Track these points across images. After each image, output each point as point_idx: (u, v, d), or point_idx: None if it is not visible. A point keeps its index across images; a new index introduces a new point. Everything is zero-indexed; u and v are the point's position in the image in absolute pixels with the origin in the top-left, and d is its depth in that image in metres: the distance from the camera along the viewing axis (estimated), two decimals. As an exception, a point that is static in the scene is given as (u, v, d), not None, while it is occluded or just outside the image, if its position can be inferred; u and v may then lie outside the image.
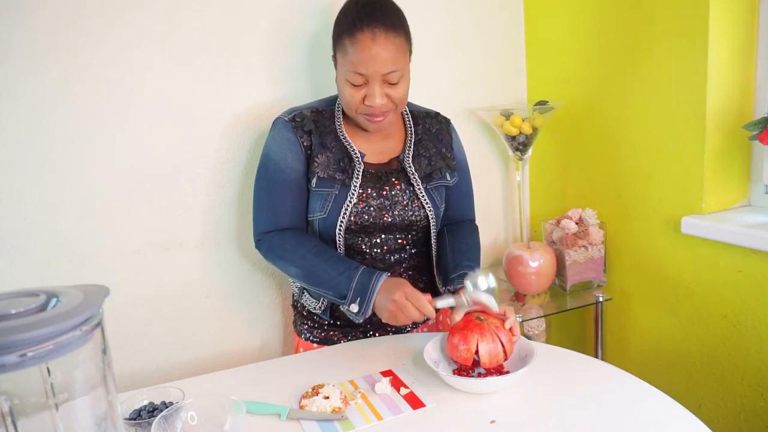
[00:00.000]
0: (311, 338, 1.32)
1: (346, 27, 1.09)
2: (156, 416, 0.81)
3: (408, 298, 1.06)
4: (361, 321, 1.12)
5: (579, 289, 1.65)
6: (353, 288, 1.10)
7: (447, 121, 1.33)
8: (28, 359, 0.48)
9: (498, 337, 1.01)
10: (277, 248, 1.20)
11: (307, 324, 1.33)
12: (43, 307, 0.53)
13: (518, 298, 1.67)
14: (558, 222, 1.64)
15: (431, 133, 1.28)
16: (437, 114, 1.33)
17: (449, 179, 1.27)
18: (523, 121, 1.64)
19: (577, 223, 1.61)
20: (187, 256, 1.47)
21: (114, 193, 1.37)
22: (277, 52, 1.47)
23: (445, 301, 1.09)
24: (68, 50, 1.28)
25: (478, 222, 1.85)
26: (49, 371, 0.51)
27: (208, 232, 1.48)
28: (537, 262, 1.59)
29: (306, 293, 1.30)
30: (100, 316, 0.56)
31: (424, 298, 1.06)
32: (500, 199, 1.90)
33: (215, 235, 1.48)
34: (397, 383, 1.03)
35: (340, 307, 1.14)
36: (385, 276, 1.11)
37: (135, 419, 0.91)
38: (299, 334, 1.35)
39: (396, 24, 1.10)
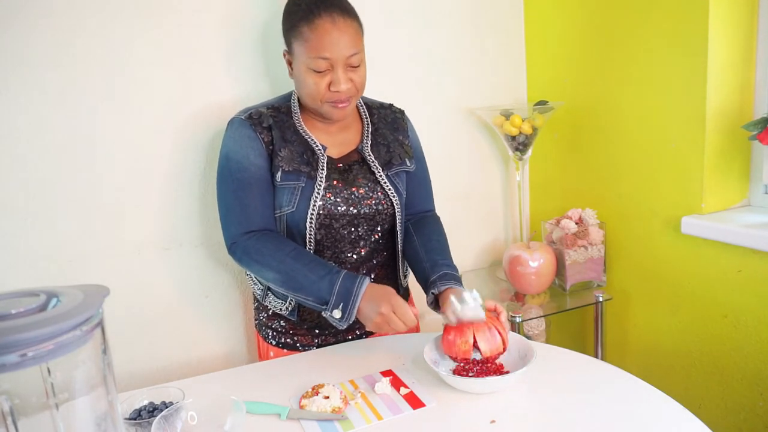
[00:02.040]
0: (276, 344, 1.28)
1: (303, 15, 1.09)
2: (156, 416, 0.81)
3: (395, 311, 1.04)
4: (345, 327, 1.09)
5: (579, 289, 1.64)
6: (335, 293, 1.07)
7: (401, 112, 1.33)
8: (28, 359, 0.48)
9: (494, 326, 1.02)
10: (253, 252, 1.14)
11: (271, 329, 1.29)
12: (43, 307, 0.53)
13: (518, 298, 1.67)
14: (558, 222, 1.64)
15: (387, 122, 1.28)
16: (391, 105, 1.32)
17: (409, 165, 1.26)
18: (523, 121, 1.64)
19: (577, 223, 1.61)
20: (187, 256, 1.47)
21: (114, 193, 1.37)
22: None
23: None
24: (67, 51, 1.28)
25: (478, 221, 1.87)
26: (49, 371, 0.51)
27: (208, 232, 1.48)
28: (537, 262, 1.59)
29: (270, 294, 1.25)
30: (100, 316, 0.56)
31: (411, 313, 1.05)
32: (500, 199, 1.90)
33: (215, 235, 1.48)
34: (397, 383, 1.03)
35: (323, 313, 1.10)
36: (368, 281, 1.09)
37: (135, 419, 0.91)
38: (264, 338, 1.31)
39: (349, 8, 1.12)
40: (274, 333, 1.29)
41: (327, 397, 0.97)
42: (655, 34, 1.41)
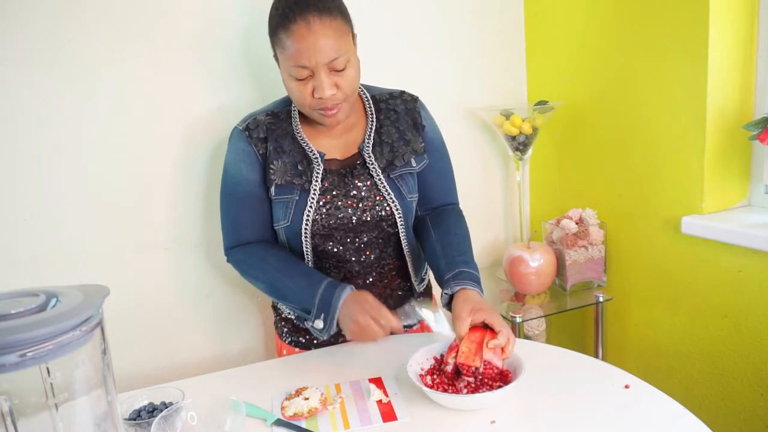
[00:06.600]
0: (291, 342, 1.28)
1: (279, 20, 1.03)
2: (156, 416, 0.81)
3: (372, 317, 1.00)
4: (326, 337, 1.07)
5: (579, 289, 1.64)
6: (317, 303, 1.05)
7: (414, 99, 1.23)
8: (28, 359, 0.48)
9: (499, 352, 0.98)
10: (242, 263, 1.18)
11: (287, 327, 1.28)
12: (43, 307, 0.53)
13: (518, 298, 1.67)
14: (558, 222, 1.64)
15: (396, 114, 1.19)
16: (402, 93, 1.23)
17: (414, 165, 1.18)
18: (523, 121, 1.64)
19: (577, 223, 1.61)
20: (187, 256, 1.47)
21: (114, 194, 1.37)
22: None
23: (410, 319, 1.03)
24: (67, 51, 1.28)
25: (478, 221, 1.86)
26: (49, 371, 0.51)
27: (208, 232, 1.48)
28: (537, 262, 1.59)
29: None
30: (99, 316, 0.56)
31: (388, 314, 1.01)
32: (500, 199, 1.90)
33: (215, 236, 1.48)
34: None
35: (305, 323, 1.09)
36: (348, 289, 1.06)
37: (135, 419, 0.91)
38: (280, 336, 1.31)
39: (329, 6, 1.02)
40: (288, 333, 1.28)
41: (307, 399, 0.97)
42: (655, 33, 1.41)
